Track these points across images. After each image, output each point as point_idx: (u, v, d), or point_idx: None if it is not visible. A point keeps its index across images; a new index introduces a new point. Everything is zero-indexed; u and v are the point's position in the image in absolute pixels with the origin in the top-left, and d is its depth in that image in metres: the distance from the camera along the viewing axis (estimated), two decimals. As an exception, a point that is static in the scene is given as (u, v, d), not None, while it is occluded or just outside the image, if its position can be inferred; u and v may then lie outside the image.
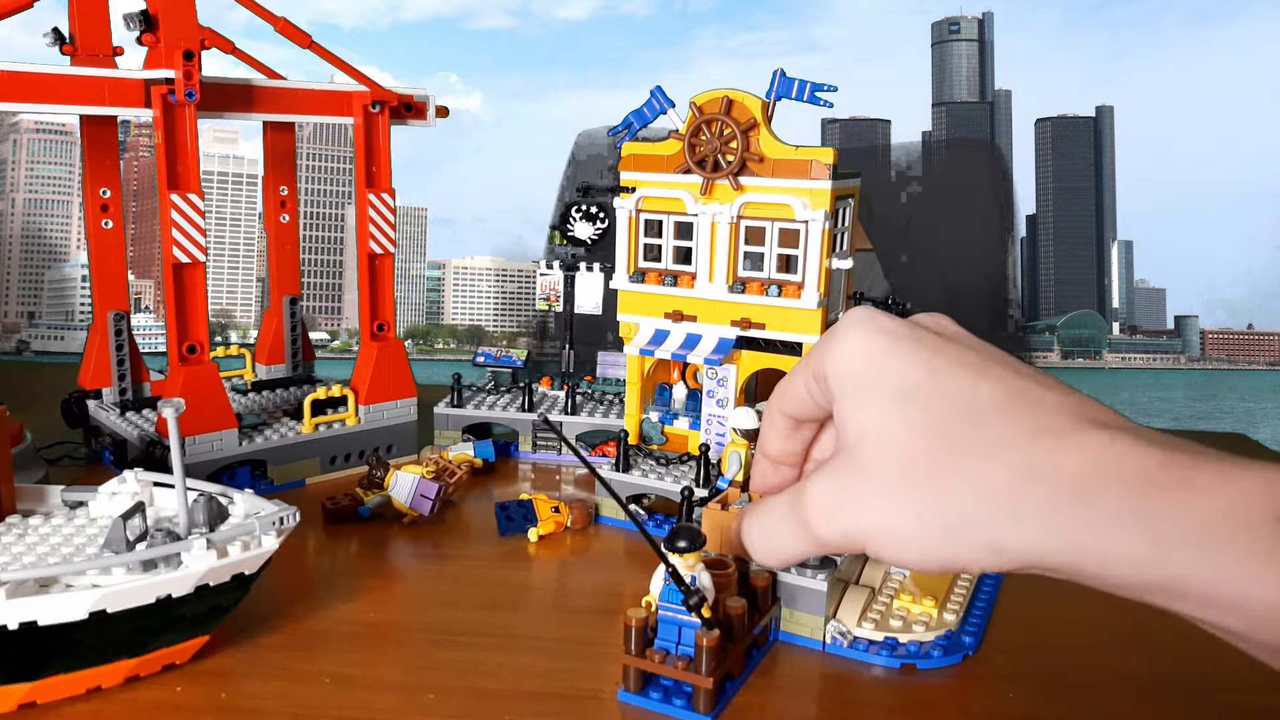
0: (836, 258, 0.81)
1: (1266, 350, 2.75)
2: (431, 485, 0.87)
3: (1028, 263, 2.69)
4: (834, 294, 0.83)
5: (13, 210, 2.58)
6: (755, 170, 0.79)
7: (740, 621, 0.60)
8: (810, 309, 0.79)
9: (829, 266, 0.80)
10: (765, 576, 0.65)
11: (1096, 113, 2.82)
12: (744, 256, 0.83)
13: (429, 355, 2.64)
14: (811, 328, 0.80)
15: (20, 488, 0.68)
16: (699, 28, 2.52)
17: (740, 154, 0.79)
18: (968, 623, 0.69)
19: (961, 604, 0.70)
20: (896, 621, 0.67)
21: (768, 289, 0.81)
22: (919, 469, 0.43)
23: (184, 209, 0.85)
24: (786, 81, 0.79)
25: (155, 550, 0.57)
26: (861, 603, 0.68)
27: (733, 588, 0.62)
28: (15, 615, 0.53)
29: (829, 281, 0.81)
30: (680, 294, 0.86)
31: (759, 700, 0.60)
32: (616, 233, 0.90)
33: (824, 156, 0.76)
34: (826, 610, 0.66)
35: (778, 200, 0.79)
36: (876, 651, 0.65)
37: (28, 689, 0.56)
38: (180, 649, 0.61)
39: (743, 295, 0.82)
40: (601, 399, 1.14)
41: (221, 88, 0.90)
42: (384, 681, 0.61)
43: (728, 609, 0.60)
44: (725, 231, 0.82)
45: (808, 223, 0.78)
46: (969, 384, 0.44)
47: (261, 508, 0.64)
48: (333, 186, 2.61)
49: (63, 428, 1.03)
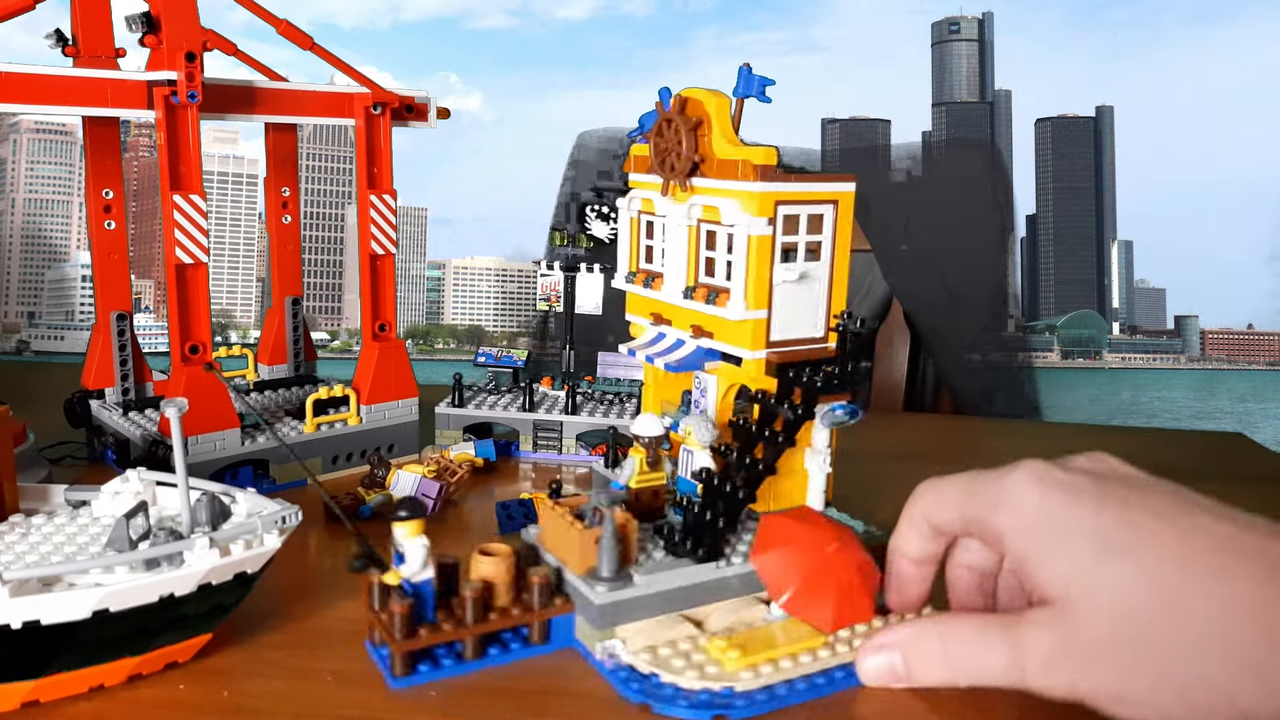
0: (784, 267, 0.72)
1: (1266, 350, 2.75)
2: (433, 484, 0.87)
3: (1028, 263, 2.70)
4: (796, 308, 0.73)
5: (13, 210, 2.58)
6: (705, 171, 0.74)
7: (476, 606, 0.61)
8: (733, 320, 0.71)
9: (777, 277, 0.72)
10: (544, 575, 0.63)
11: (1096, 113, 2.83)
12: (704, 261, 0.77)
13: (429, 355, 2.65)
14: (741, 340, 0.72)
15: (23, 487, 0.68)
16: (699, 28, 2.53)
17: (686, 154, 0.73)
18: (765, 692, 0.59)
19: (785, 676, 0.60)
20: (679, 661, 0.60)
21: (708, 296, 0.74)
22: (1140, 633, 0.41)
23: (186, 209, 0.86)
24: (750, 78, 0.73)
25: (158, 549, 0.57)
26: (675, 632, 0.63)
27: (504, 577, 0.62)
28: (19, 614, 0.53)
29: (771, 293, 0.72)
30: (655, 296, 0.82)
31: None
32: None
33: (756, 157, 0.69)
34: (602, 625, 0.62)
35: (717, 203, 0.73)
36: (629, 683, 0.59)
37: (31, 687, 0.56)
38: (182, 647, 0.61)
39: (689, 301, 0.76)
40: (602, 399, 1.14)
41: (223, 89, 0.90)
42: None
43: (466, 591, 0.61)
44: (682, 234, 0.77)
45: (734, 227, 0.71)
46: (1174, 537, 0.43)
47: (264, 506, 0.64)
48: (333, 187, 2.61)
49: (65, 428, 1.03)
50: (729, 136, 0.72)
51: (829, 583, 0.62)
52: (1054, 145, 2.47)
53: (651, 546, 0.67)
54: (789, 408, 0.68)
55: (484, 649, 0.62)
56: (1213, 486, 0.51)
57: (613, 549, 0.62)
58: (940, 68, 2.40)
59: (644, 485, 0.71)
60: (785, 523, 0.64)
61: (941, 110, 2.27)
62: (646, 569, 0.64)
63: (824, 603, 0.62)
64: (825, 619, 0.61)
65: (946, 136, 2.45)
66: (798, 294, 0.73)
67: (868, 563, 0.63)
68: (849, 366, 0.70)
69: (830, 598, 0.61)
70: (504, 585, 0.63)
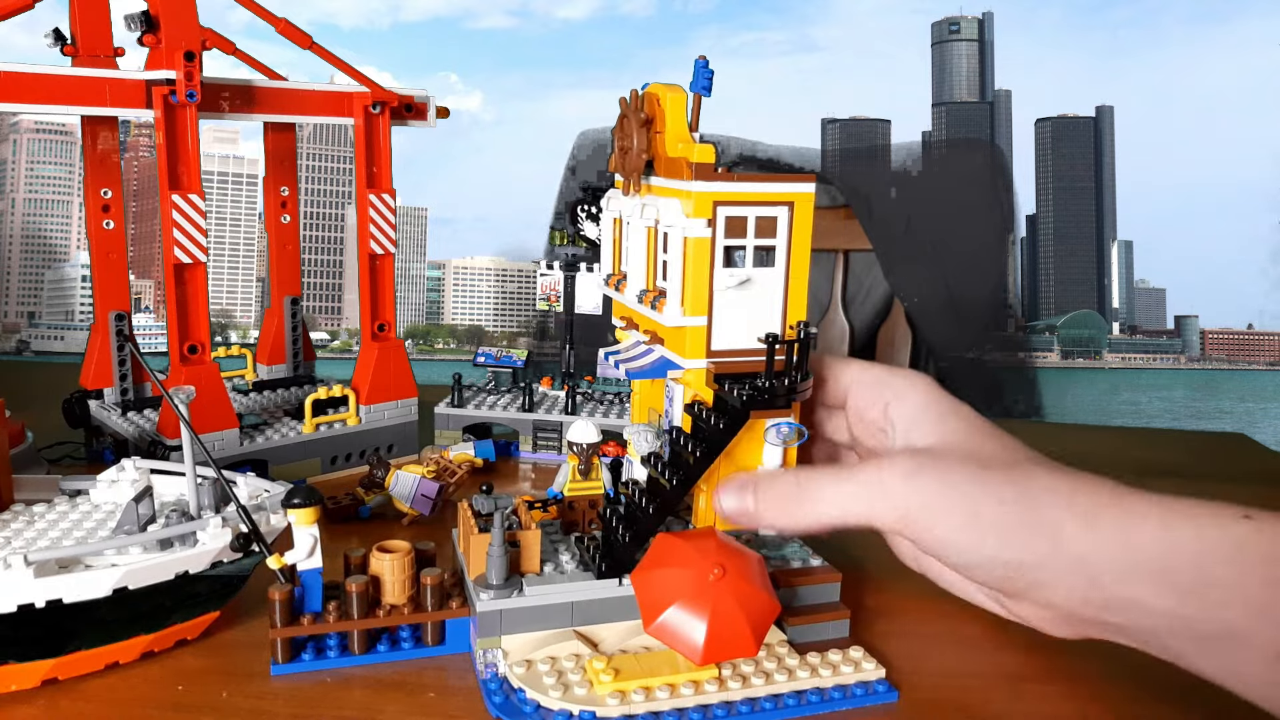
0: (726, 272, 0.66)
1: (1266, 350, 2.75)
2: (432, 485, 0.87)
3: (1028, 263, 2.70)
4: (740, 316, 0.67)
5: (13, 210, 2.59)
6: (656, 170, 0.70)
7: (361, 600, 0.61)
8: (667, 326, 0.67)
9: (718, 283, 0.66)
10: (437, 576, 0.63)
11: (1096, 113, 2.83)
12: (662, 264, 0.71)
13: (429, 355, 2.64)
14: (679, 348, 0.66)
15: (18, 478, 0.71)
16: (699, 28, 2.53)
17: (636, 151, 0.69)
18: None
19: (656, 707, 0.57)
20: (550, 678, 0.58)
21: (652, 301, 0.69)
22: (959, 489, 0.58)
23: (185, 209, 0.86)
24: (701, 71, 0.68)
25: (173, 529, 0.61)
26: (561, 649, 0.61)
27: (401, 573, 0.63)
28: (42, 593, 0.56)
29: (711, 299, 0.66)
30: (620, 300, 0.77)
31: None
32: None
33: (692, 155, 0.64)
34: (482, 633, 0.60)
35: (659, 202, 0.68)
36: (493, 695, 0.58)
37: (51, 665, 0.58)
38: (193, 624, 0.64)
39: (639, 304, 0.71)
40: (602, 399, 1.14)
41: (222, 88, 0.90)
42: (385, 681, 0.61)
43: (349, 585, 0.61)
44: (642, 235, 0.72)
45: (670, 228, 0.66)
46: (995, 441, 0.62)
47: (266, 488, 0.68)
48: (333, 186, 2.62)
49: (64, 427, 1.03)
50: (680, 134, 0.67)
51: (703, 612, 0.56)
52: (1054, 145, 2.47)
53: (568, 557, 0.65)
54: (707, 420, 0.63)
55: (373, 645, 0.63)
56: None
57: (500, 556, 0.60)
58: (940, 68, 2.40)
59: (578, 494, 0.69)
60: (675, 543, 0.59)
61: (941, 110, 2.26)
62: (543, 580, 0.62)
63: (694, 633, 0.56)
64: (694, 650, 0.56)
65: (946, 136, 2.44)
66: (742, 301, 0.67)
67: (758, 595, 0.57)
68: (792, 380, 0.63)
69: (702, 628, 0.56)
70: (399, 583, 0.63)
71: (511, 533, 0.62)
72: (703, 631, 0.56)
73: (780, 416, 0.65)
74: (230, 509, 0.64)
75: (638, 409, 0.79)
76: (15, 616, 0.56)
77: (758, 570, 0.59)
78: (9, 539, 0.63)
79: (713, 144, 0.64)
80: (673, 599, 0.57)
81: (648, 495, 0.62)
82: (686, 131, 0.67)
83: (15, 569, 0.55)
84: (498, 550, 0.60)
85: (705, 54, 0.70)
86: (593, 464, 0.70)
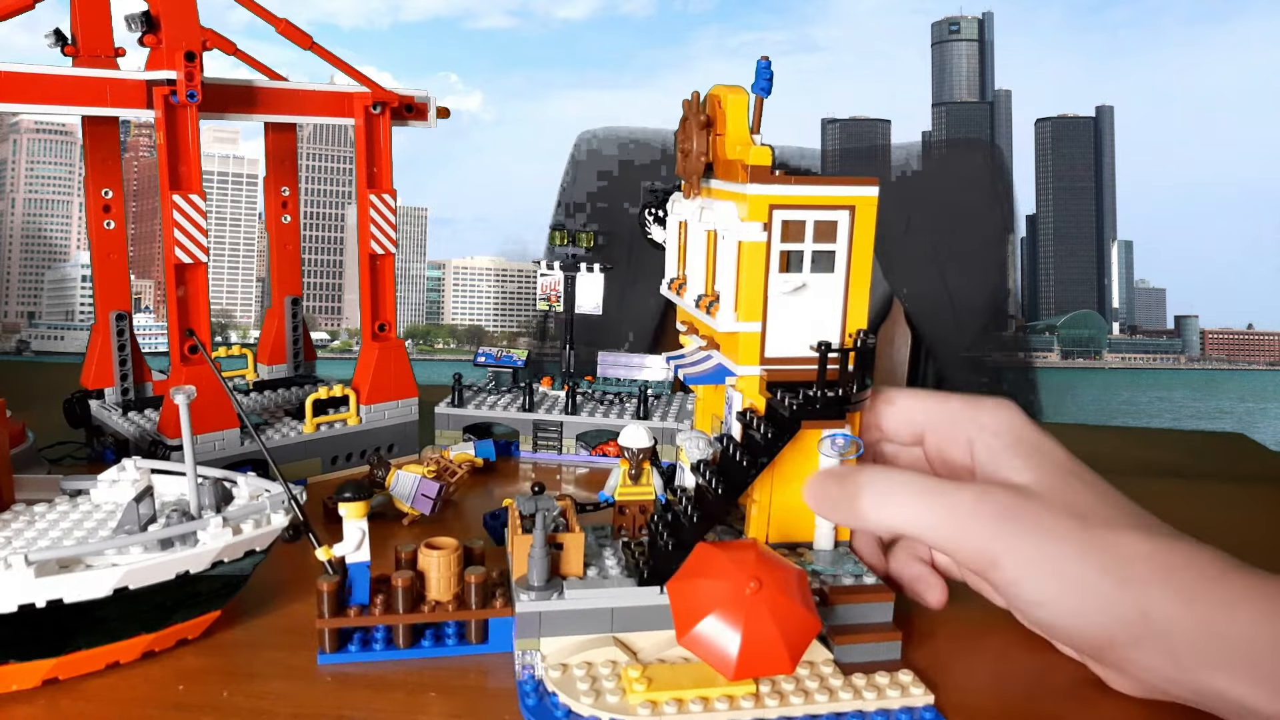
0: (782, 278, 0.65)
1: (1266, 350, 2.75)
2: (433, 485, 0.87)
3: (1028, 263, 2.70)
4: (796, 323, 0.65)
5: (13, 210, 2.59)
6: (716, 173, 0.68)
7: (407, 596, 0.62)
8: (721, 332, 0.66)
9: (773, 288, 0.65)
10: (481, 575, 0.63)
11: (1096, 113, 2.83)
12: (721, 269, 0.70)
13: (429, 355, 2.64)
14: (732, 354, 0.65)
15: (19, 478, 0.70)
16: (699, 28, 2.53)
17: (695, 153, 0.68)
18: None
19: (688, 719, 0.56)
20: (584, 684, 0.57)
21: (707, 306, 0.68)
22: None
23: (185, 209, 0.86)
24: (763, 72, 0.67)
25: (174, 529, 0.61)
26: (599, 654, 0.60)
27: (447, 570, 0.63)
28: (42, 593, 0.56)
29: (765, 305, 0.65)
30: (680, 304, 0.77)
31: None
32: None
33: (748, 157, 0.63)
34: (522, 635, 0.60)
35: (716, 205, 0.67)
36: (527, 698, 0.57)
37: (52, 664, 0.58)
38: (194, 624, 0.64)
39: (696, 309, 0.70)
40: (602, 399, 1.14)
41: (223, 88, 0.90)
42: (385, 680, 0.61)
43: (394, 580, 0.63)
44: (702, 239, 0.71)
45: (725, 231, 0.66)
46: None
47: (265, 487, 0.68)
48: (333, 186, 2.62)
49: (64, 427, 1.03)
50: (740, 136, 0.66)
51: (737, 625, 0.54)
52: (1054, 145, 2.47)
53: (614, 562, 0.64)
54: (757, 429, 0.61)
55: (417, 640, 0.64)
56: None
57: (541, 558, 0.60)
58: (940, 68, 2.40)
59: (628, 499, 0.69)
60: (713, 553, 0.57)
61: (941, 110, 2.27)
62: (584, 583, 0.61)
63: (728, 645, 0.54)
64: (727, 664, 0.54)
65: (946, 136, 2.45)
66: (799, 308, 0.65)
67: (796, 610, 0.55)
68: (845, 391, 0.62)
69: (736, 641, 0.54)
70: (444, 580, 0.63)
71: (555, 535, 0.62)
72: (736, 645, 0.54)
73: (835, 427, 0.63)
74: (230, 509, 0.64)
75: (700, 414, 0.78)
76: (16, 616, 0.56)
77: (798, 585, 0.56)
78: (10, 539, 0.63)
79: (769, 147, 0.63)
80: (707, 610, 0.55)
81: (694, 503, 0.61)
82: (747, 134, 0.66)
83: (16, 569, 0.55)
84: (539, 552, 0.60)
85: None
86: (643, 469, 0.69)
